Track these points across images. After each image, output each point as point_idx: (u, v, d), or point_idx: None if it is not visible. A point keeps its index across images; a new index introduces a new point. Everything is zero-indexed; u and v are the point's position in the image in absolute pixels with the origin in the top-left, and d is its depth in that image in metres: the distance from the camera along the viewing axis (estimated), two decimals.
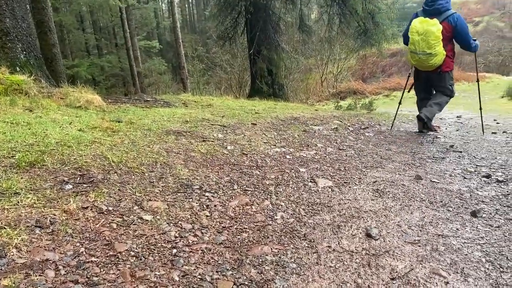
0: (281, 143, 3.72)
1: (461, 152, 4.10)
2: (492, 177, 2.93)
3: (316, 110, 7.50)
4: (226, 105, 6.40)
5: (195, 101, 6.68)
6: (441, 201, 2.29)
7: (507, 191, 2.58)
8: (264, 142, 3.61)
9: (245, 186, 2.35)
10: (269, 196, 2.21)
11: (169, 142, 3.13)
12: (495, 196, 2.49)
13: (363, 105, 12.53)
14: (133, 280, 1.27)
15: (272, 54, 12.11)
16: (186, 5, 51.47)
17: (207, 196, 2.07)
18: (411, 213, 2.03)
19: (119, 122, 3.50)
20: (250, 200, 2.10)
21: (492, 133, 5.81)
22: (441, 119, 8.10)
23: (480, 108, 5.61)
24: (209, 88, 26.26)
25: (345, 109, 11.58)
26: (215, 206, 1.97)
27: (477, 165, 3.38)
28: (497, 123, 7.74)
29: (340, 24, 13.61)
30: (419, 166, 3.30)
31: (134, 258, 1.41)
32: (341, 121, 5.68)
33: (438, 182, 2.76)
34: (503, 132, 5.87)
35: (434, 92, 4.86)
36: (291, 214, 1.98)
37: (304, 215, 1.97)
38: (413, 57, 4.41)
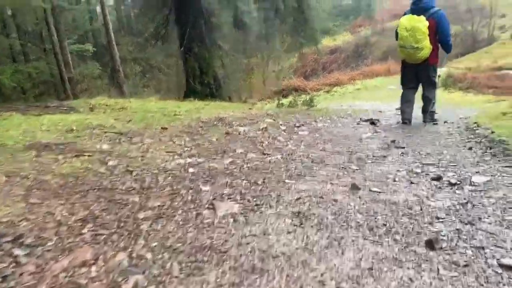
0: (190, 151, 2.94)
1: (404, 148, 3.58)
2: (443, 179, 2.37)
3: (250, 108, 6.83)
4: (143, 108, 5.50)
5: (107, 105, 5.69)
6: (385, 225, 1.64)
7: (464, 198, 2.01)
8: (167, 152, 2.81)
9: (102, 227, 1.54)
10: (131, 243, 1.42)
11: (23, 161, 2.23)
12: (452, 207, 1.90)
13: (304, 102, 12.11)
14: None
15: (203, 52, 11.27)
16: (122, 7, 48.81)
17: (14, 256, 1.24)
18: (342, 253, 1.34)
19: None
20: (93, 256, 1.29)
21: (434, 124, 5.47)
22: (380, 111, 7.78)
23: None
24: (149, 91, 24.83)
25: (286, 107, 11.09)
26: (20, 275, 1.15)
27: (423, 164, 2.83)
28: (436, 113, 7.59)
29: (276, 19, 13.13)
30: (356, 169, 2.68)
31: None
32: (274, 120, 5.02)
33: (379, 192, 2.13)
34: (444, 122, 5.55)
35: (421, 85, 5.20)
36: (154, 276, 1.21)
37: (174, 278, 1.20)
38: (403, 51, 4.78)
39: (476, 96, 12.11)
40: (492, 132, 3.86)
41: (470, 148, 3.33)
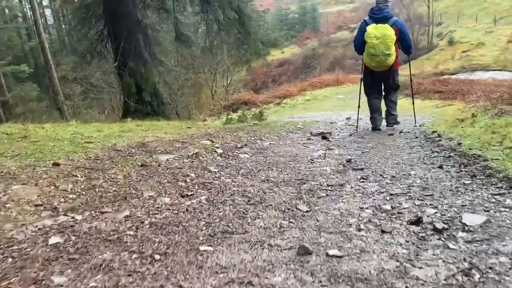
0: (74, 200, 2.06)
1: (362, 169, 2.93)
2: (424, 222, 1.70)
3: (189, 127, 5.98)
4: (52, 136, 4.48)
5: (8, 133, 4.59)
6: None
7: (464, 259, 1.33)
8: (35, 206, 1.92)
9: None
10: None
11: None
12: (451, 280, 1.20)
13: (254, 116, 11.44)
14: None
15: (139, 67, 10.28)
16: (63, 25, 46.11)
17: None
18: None
19: None
20: None
21: (389, 134, 4.96)
22: (331, 123, 7.27)
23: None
24: (93, 112, 23.11)
25: (236, 122, 10.38)
26: None
27: (391, 195, 2.16)
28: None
29: (220, 32, 12.46)
30: (306, 212, 1.95)
31: None
32: (211, 141, 4.23)
33: (340, 258, 1.39)
34: (400, 132, 5.06)
35: (385, 90, 5.31)
36: None
37: None
38: (373, 60, 4.79)
39: (424, 102, 12.12)
40: (459, 144, 3.33)
41: (441, 167, 2.74)
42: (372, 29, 4.65)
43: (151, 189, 2.29)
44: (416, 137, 4.56)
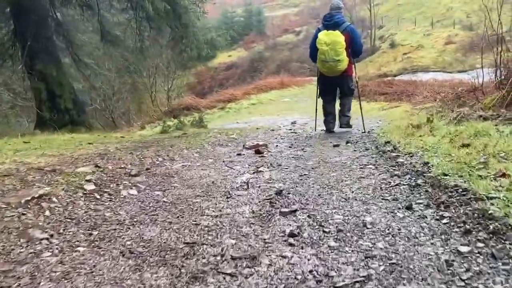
0: None
1: (295, 212, 1.92)
2: None
3: (90, 143, 4.71)
4: None
5: None
6: None
7: None
8: None
9: None
10: None
11: None
12: None
13: (193, 122, 10.24)
14: None
15: (50, 70, 8.70)
16: None
17: None
18: None
19: None
20: None
21: (334, 145, 4.06)
22: (272, 130, 6.33)
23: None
24: (23, 121, 20.59)
25: (173, 129, 9.15)
26: None
27: (343, 282, 1.16)
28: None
29: (151, 30, 11.14)
30: None
31: None
32: (98, 166, 3.04)
33: None
34: (347, 142, 4.19)
35: (340, 95, 5.29)
36: None
37: None
38: (324, 65, 4.80)
39: (369, 104, 11.66)
40: (426, 164, 2.43)
41: (410, 207, 1.80)
42: (322, 35, 4.68)
43: None
44: (367, 149, 3.69)
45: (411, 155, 2.87)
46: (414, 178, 2.26)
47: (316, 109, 5.56)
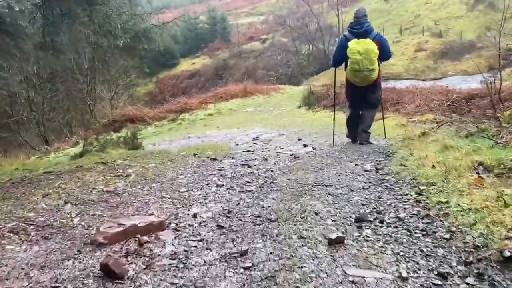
0: None
1: None
2: None
3: None
4: None
5: None
6: None
7: None
8: None
9: None
10: None
11: None
12: None
13: (123, 141, 7.94)
14: None
15: None
16: None
17: None
18: None
19: None
20: None
21: (328, 194, 2.15)
22: (230, 147, 4.45)
23: None
24: None
25: (96, 150, 6.90)
26: None
27: None
28: (305, 145, 4.74)
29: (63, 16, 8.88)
30: None
31: None
32: None
33: None
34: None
35: (365, 105, 4.94)
36: None
37: None
38: (357, 75, 4.60)
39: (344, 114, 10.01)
40: None
41: None
42: (354, 44, 4.50)
43: None
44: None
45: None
46: None
47: (334, 121, 5.14)
